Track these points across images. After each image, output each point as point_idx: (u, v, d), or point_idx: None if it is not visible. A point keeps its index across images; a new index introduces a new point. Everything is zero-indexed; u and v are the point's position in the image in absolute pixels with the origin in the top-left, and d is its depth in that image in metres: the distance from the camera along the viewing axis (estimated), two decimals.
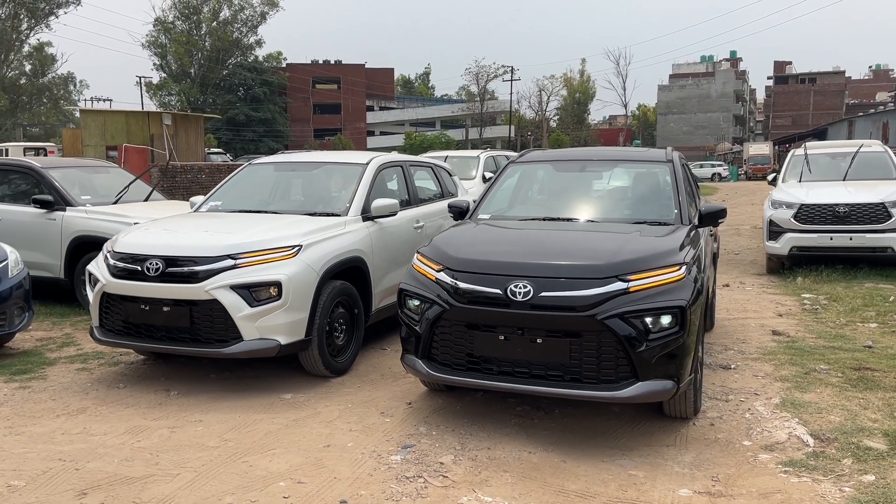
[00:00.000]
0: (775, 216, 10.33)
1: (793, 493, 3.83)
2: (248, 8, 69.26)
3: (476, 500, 3.80)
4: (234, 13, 69.53)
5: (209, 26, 69.03)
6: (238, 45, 70.06)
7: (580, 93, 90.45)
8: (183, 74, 68.25)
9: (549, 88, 76.91)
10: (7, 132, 60.24)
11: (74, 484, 3.90)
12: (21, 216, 8.45)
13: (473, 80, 73.39)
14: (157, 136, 21.95)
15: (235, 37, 69.75)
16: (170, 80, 67.82)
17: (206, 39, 69.27)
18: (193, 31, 68.97)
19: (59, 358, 6.33)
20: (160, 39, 67.76)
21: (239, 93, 67.53)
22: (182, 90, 66.91)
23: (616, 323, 4.17)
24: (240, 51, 70.20)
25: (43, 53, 65.24)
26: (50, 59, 66.08)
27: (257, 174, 7.07)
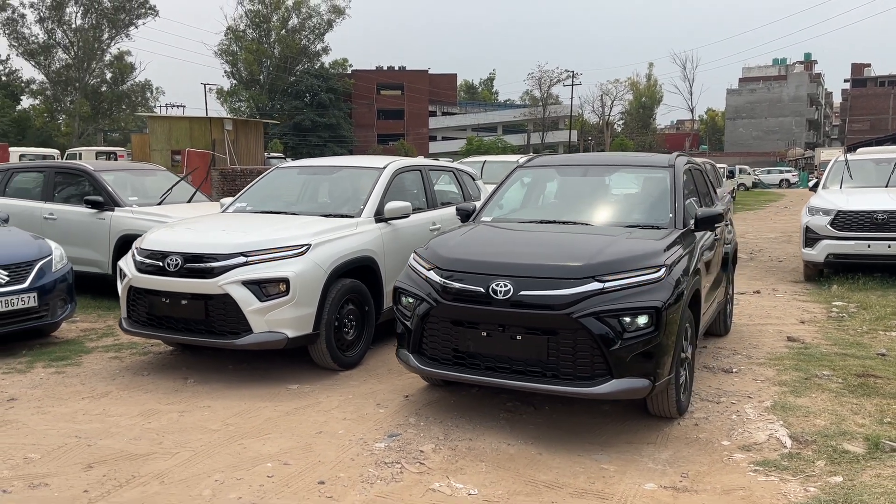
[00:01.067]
0: (812, 223, 10.18)
1: (755, 491, 3.92)
2: (316, 16, 70.99)
3: (447, 486, 4.01)
4: (301, 21, 71.32)
5: (278, 34, 70.96)
6: (305, 53, 71.77)
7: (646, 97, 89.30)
8: (252, 81, 70.31)
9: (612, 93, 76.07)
10: (89, 137, 63.15)
11: (84, 458, 4.29)
12: (75, 216, 9.05)
13: (536, 84, 73.35)
14: (218, 141, 22.82)
15: (303, 44, 71.50)
16: (240, 86, 69.96)
17: (275, 47, 71.21)
18: (263, 40, 70.99)
19: (97, 347, 6.82)
20: (231, 48, 69.99)
21: (305, 99, 69.17)
22: (251, 96, 68.94)
23: (591, 321, 4.32)
24: (307, 58, 71.90)
25: (123, 62, 68.08)
26: (129, 68, 68.91)
27: (282, 177, 7.45)
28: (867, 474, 4.02)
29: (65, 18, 63.35)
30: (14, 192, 9.73)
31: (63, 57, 64.29)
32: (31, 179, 9.72)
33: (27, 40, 62.30)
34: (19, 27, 61.84)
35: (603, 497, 3.89)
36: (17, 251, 6.59)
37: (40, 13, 62.19)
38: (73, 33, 63.78)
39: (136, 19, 65.41)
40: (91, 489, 3.88)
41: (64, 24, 63.33)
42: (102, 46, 65.76)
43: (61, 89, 65.08)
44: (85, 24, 64.09)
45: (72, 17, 63.70)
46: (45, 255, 6.77)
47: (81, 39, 63.71)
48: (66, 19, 63.45)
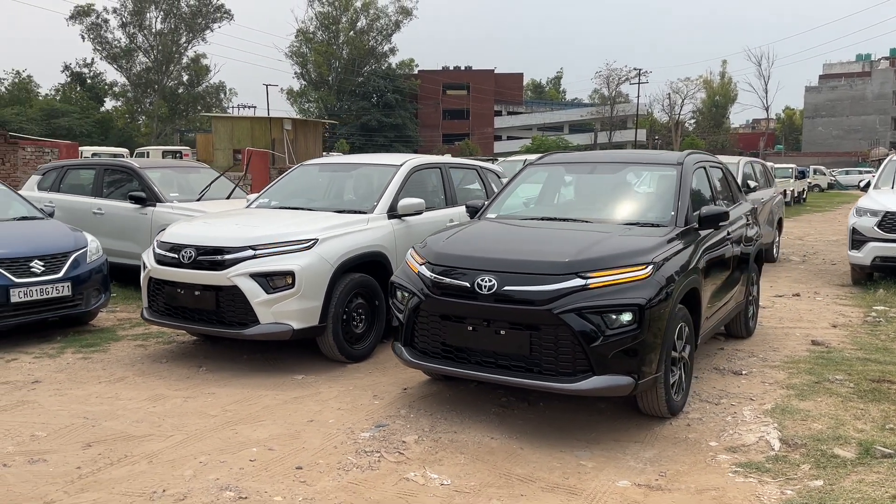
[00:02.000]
0: (859, 224, 9.82)
1: (729, 492, 3.86)
2: (384, 17, 71.85)
3: (422, 476, 4.08)
4: (370, 22, 72.33)
5: (347, 35, 72.15)
6: (373, 54, 72.76)
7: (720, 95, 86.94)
8: (321, 82, 71.69)
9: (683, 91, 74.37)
10: (166, 137, 65.59)
11: (86, 437, 4.54)
12: (120, 211, 9.49)
13: (604, 83, 72.39)
14: (277, 141, 23.42)
15: (370, 45, 72.50)
16: (309, 87, 71.43)
17: (344, 48, 72.41)
18: (332, 41, 72.30)
19: (127, 336, 7.15)
20: (301, 49, 71.53)
21: (372, 99, 70.11)
22: (320, 97, 70.30)
23: (571, 318, 4.32)
24: (374, 59, 72.88)
25: (199, 64, 70.38)
26: (205, 70, 71.19)
27: (305, 175, 7.65)
28: (850, 479, 3.91)
29: (145, 23, 65.95)
30: (68, 188, 10.25)
31: (143, 60, 66.95)
32: (83, 176, 10.23)
33: (110, 44, 65.11)
34: (103, 32, 64.68)
35: (573, 492, 3.90)
36: (54, 243, 6.97)
37: (122, 18, 64.95)
38: (153, 37, 66.33)
39: (212, 23, 67.60)
40: (84, 466, 4.11)
41: (144, 28, 65.93)
42: (180, 50, 68.17)
43: (141, 91, 67.79)
44: (164, 28, 66.56)
45: (152, 21, 66.28)
46: (81, 246, 7.14)
47: (161, 43, 66.21)
48: (147, 24, 66.04)
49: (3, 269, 6.44)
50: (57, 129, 52.20)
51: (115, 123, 64.36)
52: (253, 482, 3.94)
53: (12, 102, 58.46)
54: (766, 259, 12.84)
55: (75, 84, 66.21)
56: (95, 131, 57.65)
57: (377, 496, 3.82)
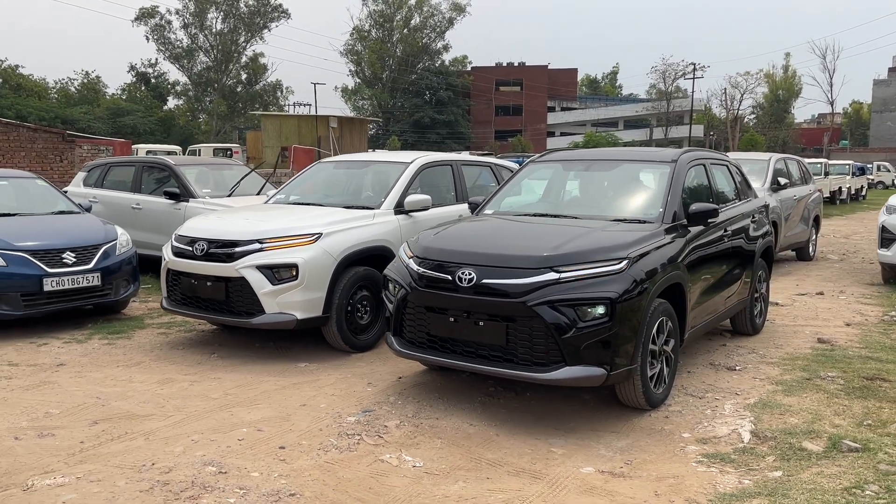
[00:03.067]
0: (888, 222, 9.64)
1: (687, 479, 3.97)
2: (437, 14, 72.30)
3: (397, 458, 4.30)
4: (423, 20, 72.89)
5: (401, 33, 72.84)
6: (426, 51, 73.30)
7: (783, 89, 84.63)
8: (375, 80, 72.53)
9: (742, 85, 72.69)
10: (225, 135, 67.35)
11: (94, 416, 4.90)
12: (156, 206, 9.96)
13: (660, 78, 71.32)
14: (323, 138, 23.92)
15: (424, 42, 73.03)
16: (363, 85, 72.35)
17: (398, 46, 73.13)
18: (386, 39, 73.08)
19: (153, 324, 7.57)
20: (356, 47, 72.49)
21: (425, 96, 70.64)
22: (374, 95, 71.14)
23: (544, 310, 4.48)
24: (428, 56, 73.38)
25: (257, 63, 72.02)
26: (262, 69, 72.81)
27: (322, 172, 7.95)
28: (810, 472, 3.97)
29: (206, 23, 67.81)
30: (110, 184, 10.80)
31: (204, 60, 68.87)
32: (124, 173, 10.76)
33: (173, 45, 67.17)
34: (166, 33, 66.78)
35: (536, 477, 4.06)
36: (85, 235, 7.43)
37: (185, 19, 66.94)
38: (214, 37, 68.13)
39: (270, 22, 69.09)
40: (86, 441, 4.46)
41: (205, 28, 67.79)
42: (239, 49, 69.87)
43: (202, 90, 69.75)
44: (224, 28, 68.33)
45: (213, 22, 68.12)
46: (111, 239, 7.58)
47: (220, 43, 67.98)
48: (208, 24, 67.91)
49: (37, 260, 6.91)
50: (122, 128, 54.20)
51: (176, 121, 66.40)
52: (236, 459, 4.22)
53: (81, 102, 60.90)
54: (801, 257, 12.71)
55: (140, 84, 68.54)
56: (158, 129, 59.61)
57: (349, 475, 4.06)
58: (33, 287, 6.84)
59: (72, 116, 52.95)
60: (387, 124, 69.79)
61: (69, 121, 50.47)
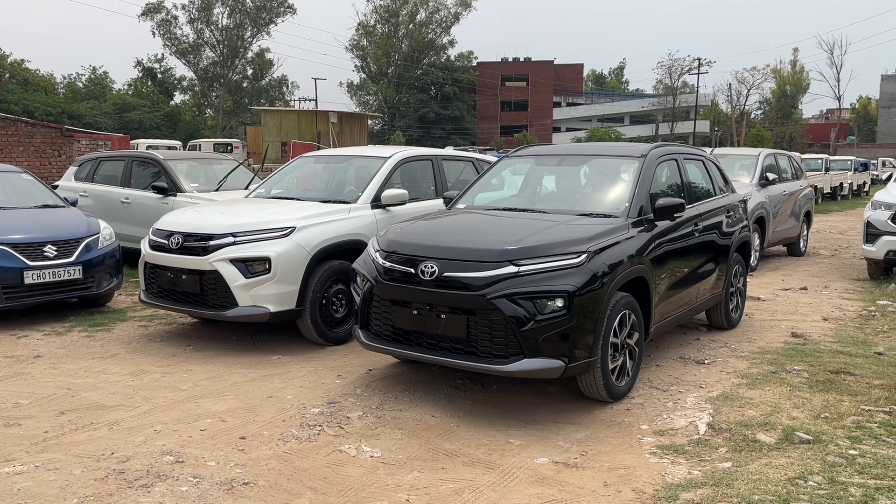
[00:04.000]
0: (873, 218, 9.63)
1: (638, 470, 4.01)
2: (443, 9, 72.18)
3: (355, 448, 4.36)
4: (429, 15, 72.79)
5: (406, 28, 72.79)
6: (432, 46, 73.20)
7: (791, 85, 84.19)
8: (381, 75, 72.54)
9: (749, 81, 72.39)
10: (231, 130, 67.50)
11: (62, 406, 4.97)
12: (145, 200, 10.04)
13: (666, 73, 71.11)
14: (323, 133, 23.98)
15: (430, 38, 72.95)
16: (369, 81, 72.37)
17: (403, 41, 73.07)
18: (392, 34, 73.06)
19: (134, 317, 7.65)
20: (361, 43, 72.50)
21: (431, 91, 70.60)
22: (379, 90, 71.16)
23: (503, 303, 4.52)
24: (433, 51, 73.31)
25: (263, 59, 72.08)
26: (268, 64, 72.87)
27: (303, 166, 8.00)
28: (759, 462, 4.01)
29: (212, 19, 67.85)
30: (101, 178, 10.89)
31: (210, 55, 68.92)
32: (114, 167, 10.84)
33: (179, 40, 67.28)
34: (172, 28, 66.87)
35: (490, 467, 4.11)
36: (67, 229, 7.50)
37: (191, 14, 66.98)
38: (220, 32, 68.18)
39: (276, 17, 69.12)
40: (51, 430, 4.53)
41: (211, 24, 67.83)
42: (245, 44, 69.91)
43: (208, 85, 69.84)
44: (230, 23, 68.36)
45: (219, 17, 68.16)
46: (93, 233, 7.65)
47: (226, 38, 68.06)
48: (214, 19, 67.95)
49: (18, 253, 6.99)
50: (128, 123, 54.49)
51: (182, 117, 66.64)
52: (195, 449, 4.28)
53: (88, 97, 61.24)
54: (791, 253, 12.69)
55: (146, 79, 68.81)
56: (164, 124, 59.88)
57: (306, 465, 4.11)
58: (14, 280, 6.93)
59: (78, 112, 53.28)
60: (392, 120, 69.82)
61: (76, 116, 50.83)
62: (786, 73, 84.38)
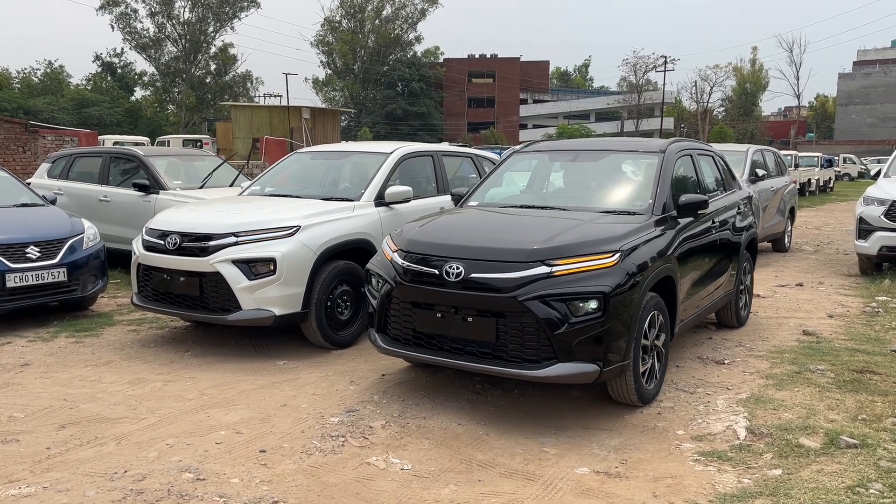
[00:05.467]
0: (865, 213, 9.65)
1: (685, 479, 3.84)
2: (409, 5, 71.78)
3: (384, 460, 4.12)
4: (395, 11, 72.32)
5: (372, 24, 72.20)
6: (398, 42, 72.76)
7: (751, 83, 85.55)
8: (346, 71, 71.88)
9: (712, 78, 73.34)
10: (194, 126, 66.25)
11: (62, 419, 4.64)
12: (125, 198, 9.63)
13: (631, 71, 71.65)
14: (296, 129, 23.55)
15: (396, 34, 72.49)
16: (334, 76, 71.65)
17: (370, 37, 72.49)
18: (358, 30, 72.41)
19: (122, 321, 7.28)
20: (327, 38, 71.74)
21: (397, 88, 70.19)
22: (345, 86, 70.50)
23: (536, 305, 4.32)
24: (400, 47, 72.87)
25: (226, 54, 70.81)
26: (232, 59, 71.61)
27: (298, 162, 7.71)
28: (810, 469, 3.87)
29: (174, 13, 66.44)
30: (76, 175, 10.43)
31: (171, 50, 67.51)
32: (91, 164, 10.39)
33: (139, 34, 65.74)
34: (132, 21, 65.33)
35: (530, 478, 3.91)
36: (50, 229, 7.11)
37: (151, 7, 65.47)
38: (181, 26, 66.80)
39: (239, 12, 67.95)
40: (54, 447, 4.21)
41: (173, 17, 66.42)
42: (208, 39, 68.63)
43: (170, 81, 68.43)
44: (192, 17, 67.04)
45: (180, 10, 66.79)
46: (77, 233, 7.27)
47: (188, 32, 66.72)
48: (175, 13, 66.55)
49: (0, 255, 6.59)
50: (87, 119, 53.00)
51: (144, 113, 65.16)
52: (215, 464, 4.00)
53: (45, 92, 59.45)
54: (776, 248, 12.72)
55: (106, 74, 67.11)
56: (125, 120, 58.41)
57: (335, 479, 3.87)
58: None
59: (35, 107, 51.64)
60: (359, 116, 69.18)
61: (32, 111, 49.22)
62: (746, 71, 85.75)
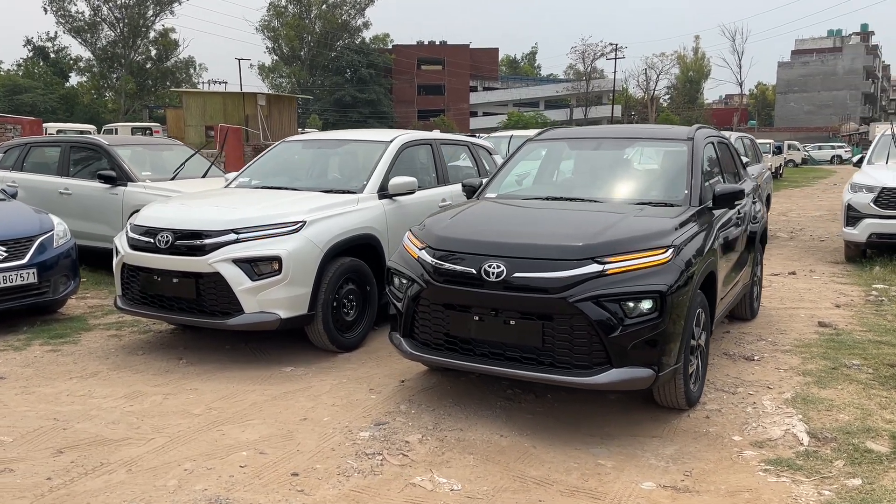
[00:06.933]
0: (854, 200, 9.61)
1: (764, 493, 3.57)
2: None
3: (430, 480, 3.75)
4: None
5: (319, 9, 70.77)
6: (346, 28, 71.51)
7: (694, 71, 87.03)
8: (293, 57, 70.38)
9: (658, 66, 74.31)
10: (135, 114, 63.98)
11: (57, 442, 4.13)
12: (89, 191, 8.97)
13: (580, 58, 72.00)
14: (251, 117, 22.77)
15: (344, 19, 71.22)
16: (281, 63, 70.07)
17: (316, 23, 71.06)
18: (304, 15, 70.89)
19: (99, 325, 6.70)
20: (273, 23, 70.06)
21: (346, 74, 69.05)
22: (292, 72, 69.03)
23: (588, 306, 3.99)
24: (348, 33, 71.64)
25: (167, 39, 68.48)
26: (173, 44, 69.27)
27: (287, 152, 7.21)
28: (889, 477, 3.65)
29: None
30: (31, 166, 9.69)
31: (109, 34, 64.95)
32: (48, 154, 9.67)
33: (73, 17, 63.03)
34: (66, 4, 62.51)
35: (595, 496, 3.59)
36: (17, 226, 6.49)
37: None
38: (119, 10, 64.26)
39: None
40: (55, 476, 3.72)
41: (109, 0, 63.87)
42: (147, 23, 66.23)
43: (107, 66, 65.84)
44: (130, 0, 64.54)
45: None
46: (47, 230, 6.66)
47: (127, 16, 64.25)
48: None
49: None
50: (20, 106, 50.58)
51: (80, 99, 62.66)
52: (245, 492, 3.57)
53: None
54: None
55: (38, 59, 64.24)
56: (60, 107, 56.02)
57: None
58: None
59: None
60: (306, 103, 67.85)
61: None
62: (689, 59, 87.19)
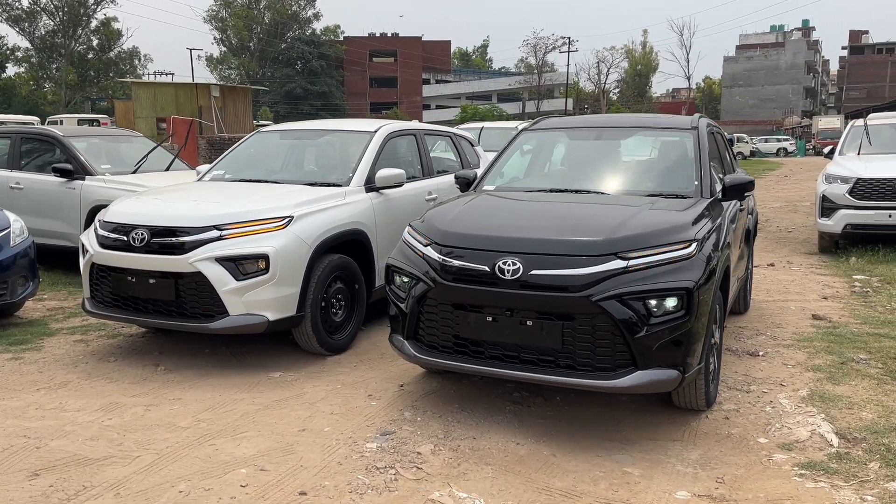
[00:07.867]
0: (829, 191, 9.62)
1: (806, 501, 3.39)
2: None
3: (449, 495, 3.47)
4: None
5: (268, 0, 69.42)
6: (296, 19, 70.32)
7: (642, 65, 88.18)
8: (242, 48, 68.93)
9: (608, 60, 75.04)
10: (76, 105, 61.82)
11: (31, 463, 3.72)
12: (42, 185, 8.43)
13: (531, 52, 72.23)
14: (205, 108, 22.07)
15: (293, 10, 70.01)
16: (229, 54, 68.56)
17: (265, 13, 69.70)
18: (253, 5, 69.45)
19: (61, 329, 6.24)
20: (221, 14, 68.48)
21: (297, 66, 67.96)
22: (241, 64, 67.60)
23: (612, 305, 3.75)
24: (298, 24, 70.46)
25: (109, 28, 66.32)
26: (116, 34, 67.14)
27: (264, 142, 6.83)
28: None
29: None
30: None
31: (48, 23, 62.66)
32: None
33: (10, 5, 60.58)
34: None
35: None
36: None
37: None
38: None
39: None
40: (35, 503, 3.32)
41: None
42: (88, 12, 64.05)
43: (47, 56, 63.52)
44: None
45: None
46: (2, 227, 6.15)
47: (66, 5, 62.03)
48: None
49: None
50: None
51: (18, 91, 60.29)
52: None
53: None
54: None
55: None
56: None
57: None
58: None
59: None
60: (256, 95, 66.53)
61: None
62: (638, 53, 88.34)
